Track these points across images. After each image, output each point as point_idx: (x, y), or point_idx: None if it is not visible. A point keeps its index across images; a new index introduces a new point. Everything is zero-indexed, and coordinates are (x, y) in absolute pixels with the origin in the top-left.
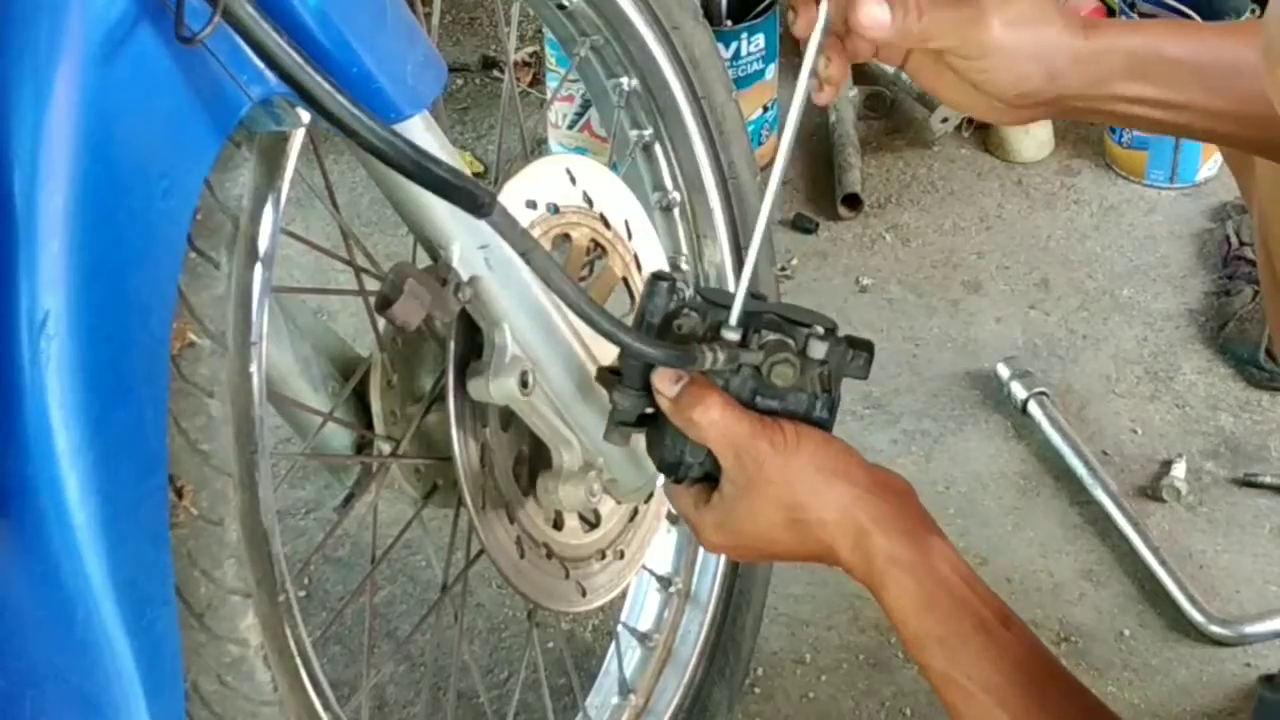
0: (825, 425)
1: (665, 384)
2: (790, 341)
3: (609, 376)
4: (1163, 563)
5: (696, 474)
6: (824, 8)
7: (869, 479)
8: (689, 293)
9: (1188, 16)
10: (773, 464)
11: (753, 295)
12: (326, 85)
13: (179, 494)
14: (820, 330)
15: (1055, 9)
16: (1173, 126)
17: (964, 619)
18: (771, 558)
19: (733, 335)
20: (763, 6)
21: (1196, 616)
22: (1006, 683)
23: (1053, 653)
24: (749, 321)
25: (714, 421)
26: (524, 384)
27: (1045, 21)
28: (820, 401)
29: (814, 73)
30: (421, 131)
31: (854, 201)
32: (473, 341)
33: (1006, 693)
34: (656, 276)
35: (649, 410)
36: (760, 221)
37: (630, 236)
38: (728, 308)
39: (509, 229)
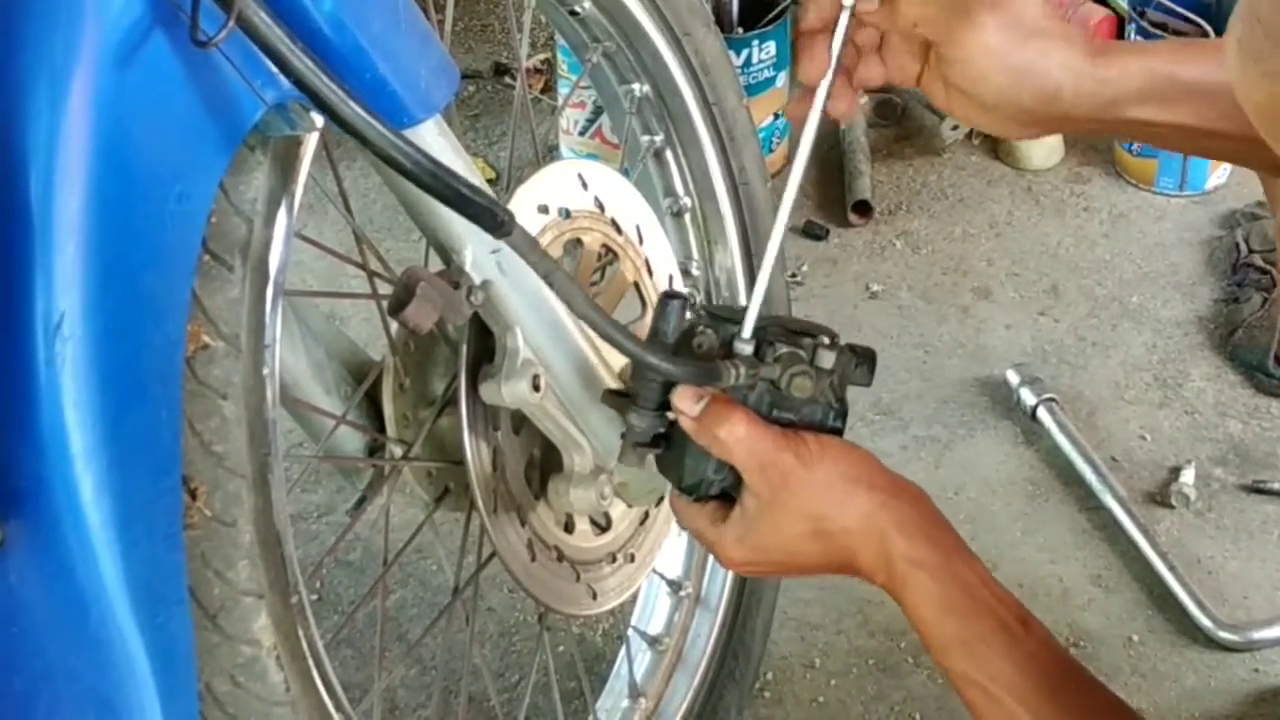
0: (839, 434)
1: (687, 403)
2: (801, 353)
3: (617, 399)
4: (1171, 568)
5: (715, 491)
6: (845, 14)
7: (890, 484)
8: (700, 310)
9: (1197, 25)
10: (797, 476)
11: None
12: (340, 92)
13: (193, 495)
14: (826, 340)
15: (1062, 25)
16: (1189, 146)
17: (985, 620)
18: (791, 571)
19: (746, 349)
20: (774, 14)
21: (1205, 622)
22: (1028, 683)
23: (1070, 653)
24: (759, 335)
25: (740, 438)
26: (535, 387)
27: (1046, 34)
28: (834, 411)
29: (829, 88)
30: (435, 136)
31: (864, 208)
32: (485, 345)
33: (1028, 693)
34: (668, 295)
35: (661, 431)
36: (774, 238)
37: (642, 241)
38: (733, 322)
39: (529, 250)
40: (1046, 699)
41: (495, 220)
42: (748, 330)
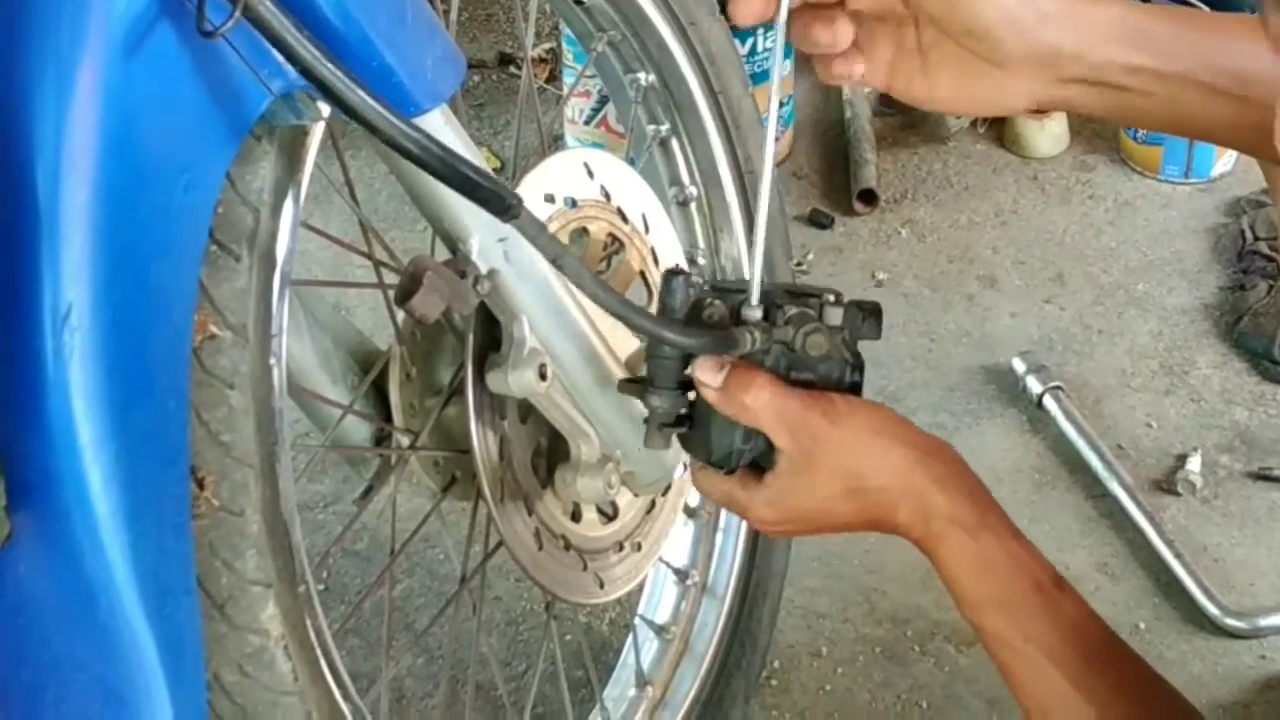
0: (858, 389)
1: (709, 374)
2: (810, 312)
3: (632, 385)
4: (1178, 556)
5: (745, 461)
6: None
7: (922, 440)
8: (704, 285)
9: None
10: (827, 435)
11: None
12: (347, 80)
13: (200, 485)
14: (831, 297)
15: None
16: (1170, 115)
17: (1021, 580)
18: (824, 530)
19: (755, 314)
20: None
21: (1211, 609)
22: (1063, 645)
23: (1102, 618)
24: (765, 300)
25: (765, 403)
26: (542, 376)
27: None
28: (850, 366)
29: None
30: (440, 125)
31: (870, 197)
32: (491, 334)
33: (1063, 654)
34: (670, 273)
35: (684, 409)
36: (762, 194)
37: (648, 230)
38: (739, 292)
39: (536, 233)
40: (1081, 661)
41: (503, 204)
42: (755, 295)
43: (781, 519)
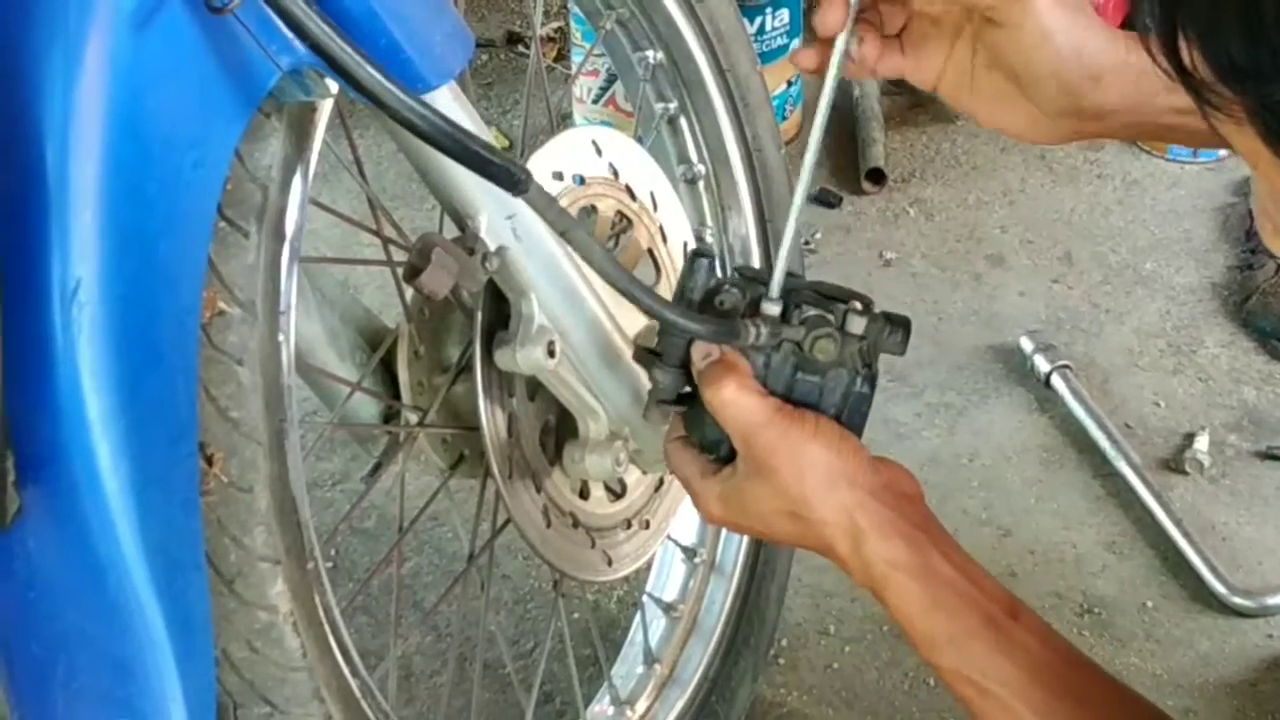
0: (866, 400)
1: (699, 358)
2: (829, 317)
3: (647, 355)
4: (1185, 535)
5: (726, 452)
6: None
7: (874, 482)
8: (727, 271)
9: None
10: (781, 455)
11: (787, 273)
12: (357, 56)
13: (209, 461)
14: (858, 305)
15: (1091, 9)
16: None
17: (971, 615)
18: (767, 539)
19: (773, 309)
20: None
21: (1219, 588)
22: (1021, 675)
23: (1066, 639)
24: (788, 297)
25: (725, 402)
26: (550, 353)
27: (1087, 14)
28: (860, 377)
29: (847, 51)
30: (449, 102)
31: (878, 176)
32: (499, 311)
33: (1021, 685)
34: (697, 253)
35: (688, 389)
36: (797, 194)
37: (656, 208)
38: (764, 283)
39: (546, 207)
40: (1041, 689)
41: (513, 179)
42: (775, 290)
43: (727, 516)
